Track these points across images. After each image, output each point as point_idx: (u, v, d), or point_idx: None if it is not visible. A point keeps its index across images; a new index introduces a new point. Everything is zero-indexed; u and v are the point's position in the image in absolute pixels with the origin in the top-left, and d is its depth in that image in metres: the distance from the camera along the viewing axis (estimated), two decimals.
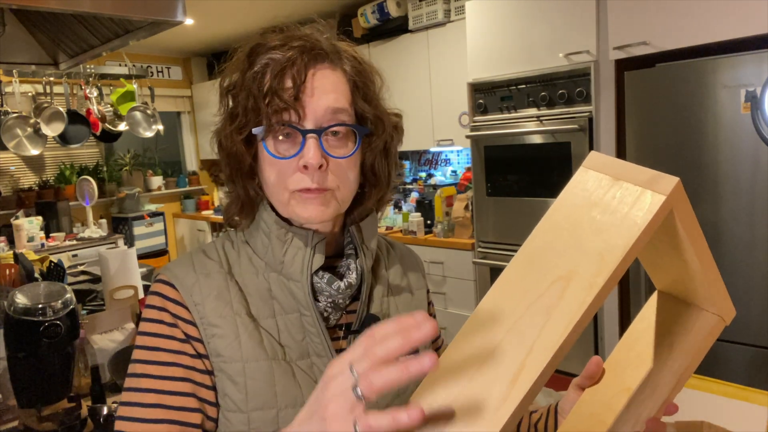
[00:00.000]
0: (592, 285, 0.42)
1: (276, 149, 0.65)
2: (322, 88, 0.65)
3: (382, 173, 0.74)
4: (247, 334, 0.66)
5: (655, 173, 0.45)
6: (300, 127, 0.64)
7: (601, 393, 0.66)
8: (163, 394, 0.63)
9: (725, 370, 2.12)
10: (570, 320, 0.42)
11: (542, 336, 0.42)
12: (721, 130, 2.05)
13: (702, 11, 2.09)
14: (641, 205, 0.44)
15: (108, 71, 4.07)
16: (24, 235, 3.87)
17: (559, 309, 0.42)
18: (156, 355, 0.64)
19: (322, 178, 0.65)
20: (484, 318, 0.45)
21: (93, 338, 1.60)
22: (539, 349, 0.41)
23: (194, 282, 0.68)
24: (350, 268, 0.71)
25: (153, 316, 0.66)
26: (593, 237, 0.45)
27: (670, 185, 0.44)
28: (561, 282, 0.44)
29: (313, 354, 0.68)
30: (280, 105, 0.63)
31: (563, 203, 0.48)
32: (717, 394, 1.14)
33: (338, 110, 0.65)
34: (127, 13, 1.44)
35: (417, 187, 4.15)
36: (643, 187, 0.45)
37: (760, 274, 2.01)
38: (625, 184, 0.46)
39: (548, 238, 0.47)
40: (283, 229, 0.68)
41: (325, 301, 0.69)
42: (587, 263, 0.44)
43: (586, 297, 0.42)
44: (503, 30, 2.79)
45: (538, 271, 0.45)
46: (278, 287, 0.69)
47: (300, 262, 0.68)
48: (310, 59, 0.65)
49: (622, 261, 0.43)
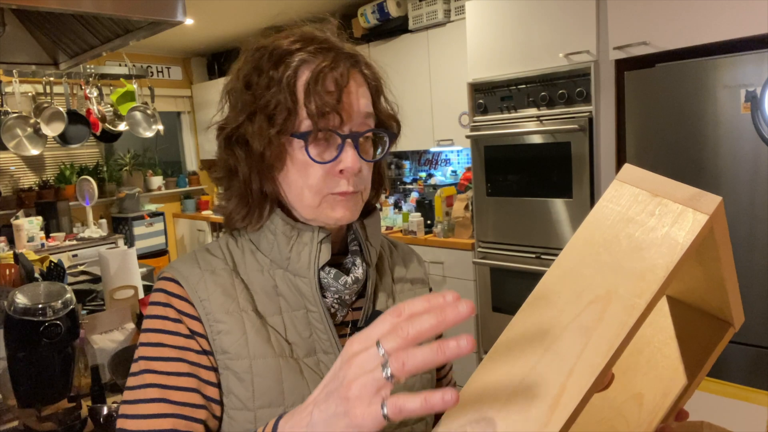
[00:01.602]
0: (634, 306, 0.41)
1: (313, 153, 0.65)
2: (357, 92, 0.66)
3: (384, 172, 0.77)
4: (255, 330, 0.66)
5: (696, 191, 0.43)
6: (340, 132, 0.64)
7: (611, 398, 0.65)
8: (167, 389, 0.62)
9: (725, 370, 2.12)
10: (612, 343, 0.40)
11: (583, 359, 0.40)
12: (721, 130, 2.05)
13: (702, 11, 2.09)
14: (683, 224, 0.42)
15: (108, 71, 4.07)
16: (24, 235, 3.87)
17: (600, 331, 0.41)
18: (160, 351, 0.64)
19: (357, 182, 0.67)
20: (518, 338, 0.43)
21: (93, 338, 1.60)
22: (580, 373, 0.39)
23: (199, 278, 0.67)
24: (356, 264, 0.72)
25: (157, 312, 0.66)
26: (632, 255, 0.43)
27: (713, 205, 0.42)
28: (599, 302, 0.42)
29: (319, 351, 0.68)
30: (325, 109, 0.63)
31: (597, 218, 0.46)
32: (717, 394, 1.14)
33: (369, 115, 0.67)
34: (127, 13, 1.44)
35: (417, 187, 4.15)
36: (684, 204, 0.43)
37: (760, 274, 2.01)
38: (665, 200, 0.44)
39: (582, 255, 0.45)
40: (289, 225, 0.68)
41: (332, 296, 0.69)
42: (627, 283, 0.42)
43: (628, 319, 0.40)
44: (503, 30, 2.79)
45: (573, 289, 0.44)
46: (284, 284, 0.69)
47: (307, 257, 0.68)
48: (351, 64, 0.66)
49: (665, 281, 0.41)
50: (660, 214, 0.44)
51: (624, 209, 0.46)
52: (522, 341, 0.43)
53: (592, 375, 0.39)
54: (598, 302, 0.42)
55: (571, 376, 0.39)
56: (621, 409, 0.64)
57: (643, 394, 0.63)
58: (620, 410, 0.64)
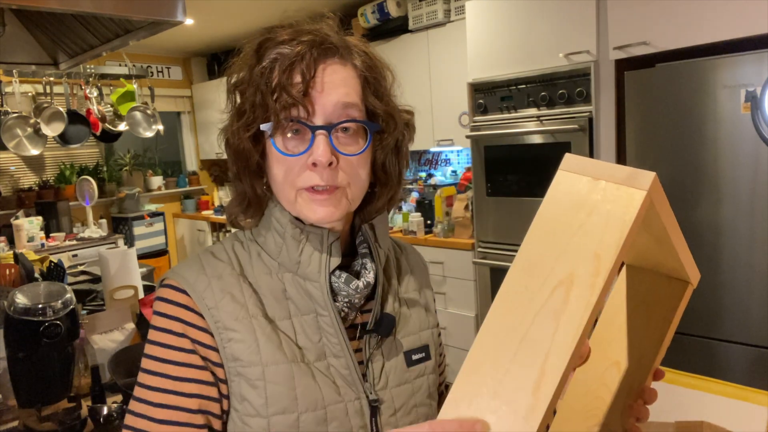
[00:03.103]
0: (593, 285, 0.44)
1: (285, 146, 0.64)
2: (331, 83, 0.63)
3: (392, 172, 0.72)
4: (266, 337, 0.65)
5: (631, 170, 0.47)
6: (309, 123, 0.63)
7: (592, 370, 0.68)
8: (171, 410, 0.62)
9: (725, 370, 2.12)
10: (580, 322, 0.43)
11: (556, 341, 0.43)
12: (721, 130, 2.05)
13: (702, 11, 2.09)
14: (625, 202, 0.46)
15: (108, 71, 4.07)
16: (24, 235, 3.87)
17: (567, 313, 0.44)
18: (164, 368, 0.63)
19: (331, 176, 0.63)
20: (495, 332, 0.46)
21: (93, 338, 1.60)
22: (555, 355, 0.42)
23: (206, 286, 0.66)
24: (366, 268, 0.70)
25: (161, 325, 0.65)
26: (585, 238, 0.46)
27: (649, 180, 0.46)
28: (563, 286, 0.45)
29: (330, 355, 0.67)
30: (289, 101, 0.61)
31: (548, 208, 0.49)
32: (717, 394, 1.14)
33: (348, 105, 0.64)
34: (127, 13, 1.44)
35: (417, 187, 4.15)
36: (623, 184, 0.47)
37: (760, 274, 2.01)
38: (606, 183, 0.47)
39: (541, 244, 0.48)
40: (298, 229, 0.67)
41: (342, 301, 0.68)
42: (584, 264, 0.45)
43: (591, 297, 0.43)
44: (503, 30, 2.79)
45: (537, 278, 0.46)
46: (294, 288, 0.68)
47: (317, 262, 0.67)
48: (320, 54, 0.64)
49: (617, 257, 0.44)
50: (603, 196, 0.47)
51: (571, 196, 0.48)
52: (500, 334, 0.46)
53: (566, 355, 0.42)
54: (561, 286, 0.45)
55: (547, 359, 0.42)
56: (603, 378, 0.68)
57: (621, 361, 0.67)
58: (602, 379, 0.68)
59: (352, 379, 0.68)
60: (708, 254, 2.12)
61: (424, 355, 0.76)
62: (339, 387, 0.67)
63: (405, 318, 0.76)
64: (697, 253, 2.23)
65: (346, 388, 0.67)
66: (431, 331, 0.80)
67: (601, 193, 0.47)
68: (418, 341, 0.76)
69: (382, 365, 0.71)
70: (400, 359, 0.73)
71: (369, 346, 0.71)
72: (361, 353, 0.70)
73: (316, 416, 0.65)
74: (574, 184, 0.49)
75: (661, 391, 0.69)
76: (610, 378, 0.67)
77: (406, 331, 0.75)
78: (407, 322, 0.76)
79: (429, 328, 0.79)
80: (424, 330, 0.78)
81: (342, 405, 0.66)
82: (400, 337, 0.74)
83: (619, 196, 0.46)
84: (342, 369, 0.67)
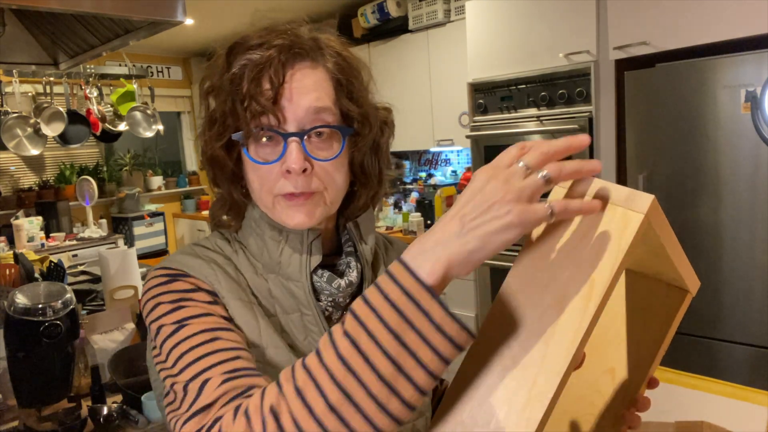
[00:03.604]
0: (585, 310, 0.43)
1: (257, 154, 0.63)
2: (302, 88, 0.62)
3: (372, 171, 0.72)
4: (265, 321, 0.64)
5: (629, 191, 0.45)
6: (281, 131, 0.62)
7: (586, 375, 0.68)
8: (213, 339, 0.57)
9: (725, 370, 2.12)
10: (569, 349, 0.42)
11: (544, 366, 0.42)
12: (721, 130, 2.05)
13: (702, 11, 2.09)
14: (622, 224, 0.44)
15: (108, 71, 4.06)
16: (24, 235, 3.87)
17: (556, 337, 0.43)
18: (187, 312, 0.59)
19: (306, 183, 0.62)
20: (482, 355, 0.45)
21: (93, 338, 1.60)
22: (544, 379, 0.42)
23: (205, 266, 0.65)
24: (351, 266, 0.70)
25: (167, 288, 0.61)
26: (579, 261, 0.45)
27: (647, 203, 0.44)
28: (552, 310, 0.44)
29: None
30: (258, 109, 0.61)
31: (542, 228, 0.48)
32: (717, 394, 1.14)
33: (321, 110, 0.63)
34: (127, 13, 1.44)
35: (417, 187, 4.14)
36: (620, 206, 0.45)
37: (760, 274, 2.01)
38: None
39: (533, 266, 0.47)
40: (276, 230, 0.67)
41: (326, 299, 0.68)
42: (577, 288, 0.44)
43: (582, 323, 0.43)
44: (503, 30, 2.79)
45: (528, 300, 0.45)
46: (277, 288, 0.68)
47: (297, 261, 0.67)
48: (289, 58, 0.62)
49: (611, 282, 0.43)
50: (600, 216, 0.46)
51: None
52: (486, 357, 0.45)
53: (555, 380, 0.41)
54: (551, 310, 0.44)
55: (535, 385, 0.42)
56: (596, 384, 0.67)
57: (615, 368, 0.66)
58: (596, 386, 0.67)
59: None
60: (708, 254, 2.12)
61: None
62: None
63: None
64: (697, 254, 2.22)
65: None
66: None
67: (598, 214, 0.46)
68: None
69: None
70: None
71: None
72: None
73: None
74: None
75: (661, 391, 0.69)
76: (604, 384, 0.66)
77: None
78: None
79: None
80: None
81: None
82: None
83: (616, 218, 0.45)
84: None
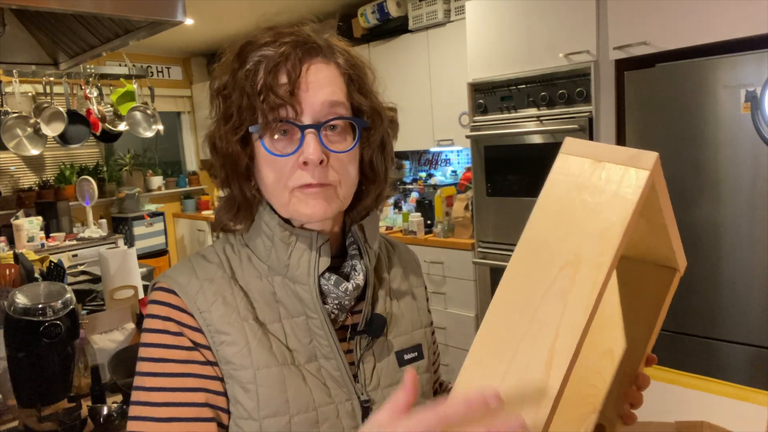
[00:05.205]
0: (600, 264, 0.44)
1: (274, 147, 0.64)
2: (317, 82, 0.64)
3: (380, 169, 0.73)
4: (257, 340, 0.65)
5: (634, 151, 0.47)
6: (298, 123, 0.63)
7: (586, 358, 0.69)
8: (177, 407, 0.61)
9: (725, 370, 2.12)
10: (588, 302, 0.43)
11: (564, 322, 0.43)
12: (721, 130, 2.05)
13: (702, 11, 2.09)
14: (628, 182, 0.46)
15: (108, 71, 4.07)
16: (24, 235, 3.87)
17: (575, 293, 0.44)
18: (164, 367, 0.63)
19: (323, 174, 0.64)
20: (503, 314, 0.46)
21: (93, 338, 1.60)
22: (565, 335, 0.42)
23: (198, 289, 0.66)
24: (356, 269, 0.70)
25: (156, 326, 0.64)
26: (589, 219, 0.46)
27: (651, 160, 0.46)
28: (569, 267, 0.45)
29: (320, 357, 0.68)
30: (276, 101, 0.62)
31: (551, 191, 0.49)
32: (717, 394, 1.14)
33: (335, 104, 0.65)
34: (127, 13, 1.44)
35: (417, 187, 4.14)
36: (625, 165, 0.47)
37: (760, 274, 2.01)
38: (608, 164, 0.48)
39: (545, 226, 0.48)
40: (287, 232, 0.67)
41: (332, 303, 0.68)
42: (590, 245, 0.45)
43: (598, 276, 0.44)
44: (503, 30, 2.79)
45: (543, 260, 0.46)
46: (283, 291, 0.68)
47: (306, 264, 0.67)
48: (304, 53, 0.64)
49: (622, 237, 0.44)
50: (606, 177, 0.47)
51: (574, 178, 0.49)
52: (507, 316, 0.46)
53: (576, 334, 0.42)
54: (568, 267, 0.45)
55: (557, 339, 0.43)
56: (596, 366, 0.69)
57: (613, 349, 0.68)
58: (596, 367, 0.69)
59: (343, 381, 0.68)
60: (708, 254, 2.12)
61: (416, 355, 0.76)
62: (330, 389, 0.67)
63: (397, 318, 0.76)
64: (696, 253, 2.23)
65: (337, 390, 0.68)
66: (424, 330, 0.80)
67: (604, 174, 0.47)
68: (410, 341, 0.76)
69: (373, 366, 0.71)
70: (391, 359, 0.73)
71: (360, 347, 0.71)
72: (352, 354, 0.71)
73: (308, 418, 0.65)
74: (576, 166, 0.49)
75: (661, 391, 0.69)
76: (603, 366, 0.68)
77: (397, 331, 0.76)
78: (399, 322, 0.76)
79: (422, 327, 0.80)
80: (416, 329, 0.78)
81: (333, 406, 0.67)
82: (392, 337, 0.75)
83: (623, 176, 0.46)
84: (333, 370, 0.68)
